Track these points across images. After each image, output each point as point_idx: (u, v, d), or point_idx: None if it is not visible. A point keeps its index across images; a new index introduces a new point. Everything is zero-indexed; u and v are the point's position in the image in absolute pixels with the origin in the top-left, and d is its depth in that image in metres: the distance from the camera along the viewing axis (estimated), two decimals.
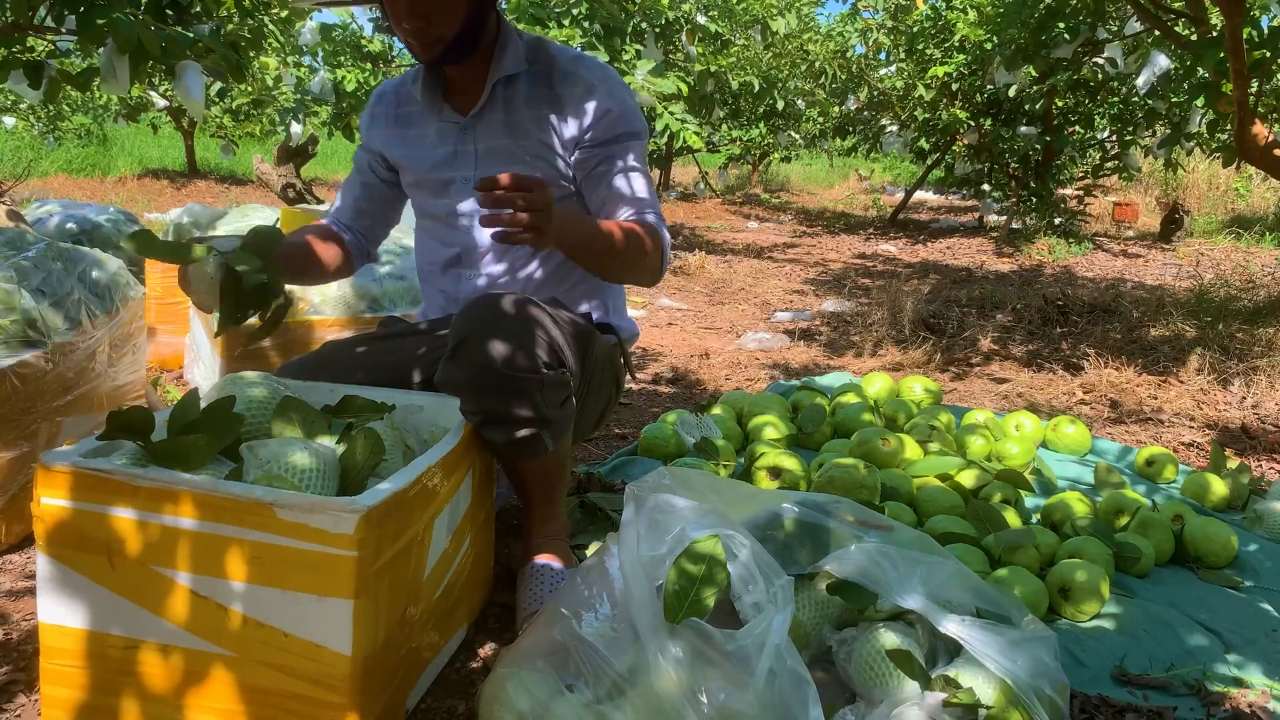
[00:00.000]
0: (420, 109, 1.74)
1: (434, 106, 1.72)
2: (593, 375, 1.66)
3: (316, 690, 1.12)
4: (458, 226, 1.75)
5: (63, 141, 11.51)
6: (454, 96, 1.72)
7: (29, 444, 1.82)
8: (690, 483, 1.38)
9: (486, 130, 1.69)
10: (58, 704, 1.19)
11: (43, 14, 2.18)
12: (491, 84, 1.66)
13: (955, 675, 1.20)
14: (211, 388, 1.42)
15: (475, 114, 1.68)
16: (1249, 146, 2.90)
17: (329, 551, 1.08)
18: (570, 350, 1.51)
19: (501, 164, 1.68)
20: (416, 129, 1.75)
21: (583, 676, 1.15)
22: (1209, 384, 3.19)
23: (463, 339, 1.43)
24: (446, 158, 1.72)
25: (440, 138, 1.72)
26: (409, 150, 1.76)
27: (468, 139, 1.70)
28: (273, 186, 7.44)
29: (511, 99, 1.67)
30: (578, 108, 1.64)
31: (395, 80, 1.82)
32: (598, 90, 1.64)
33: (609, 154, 1.65)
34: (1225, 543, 1.86)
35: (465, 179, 1.72)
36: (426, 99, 1.71)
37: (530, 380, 1.42)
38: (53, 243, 2.11)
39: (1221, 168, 9.44)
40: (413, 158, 1.76)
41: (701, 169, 11.98)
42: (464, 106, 1.70)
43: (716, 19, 6.53)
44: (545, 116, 1.66)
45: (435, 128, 1.72)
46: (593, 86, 1.64)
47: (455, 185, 1.73)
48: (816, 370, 3.49)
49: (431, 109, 1.72)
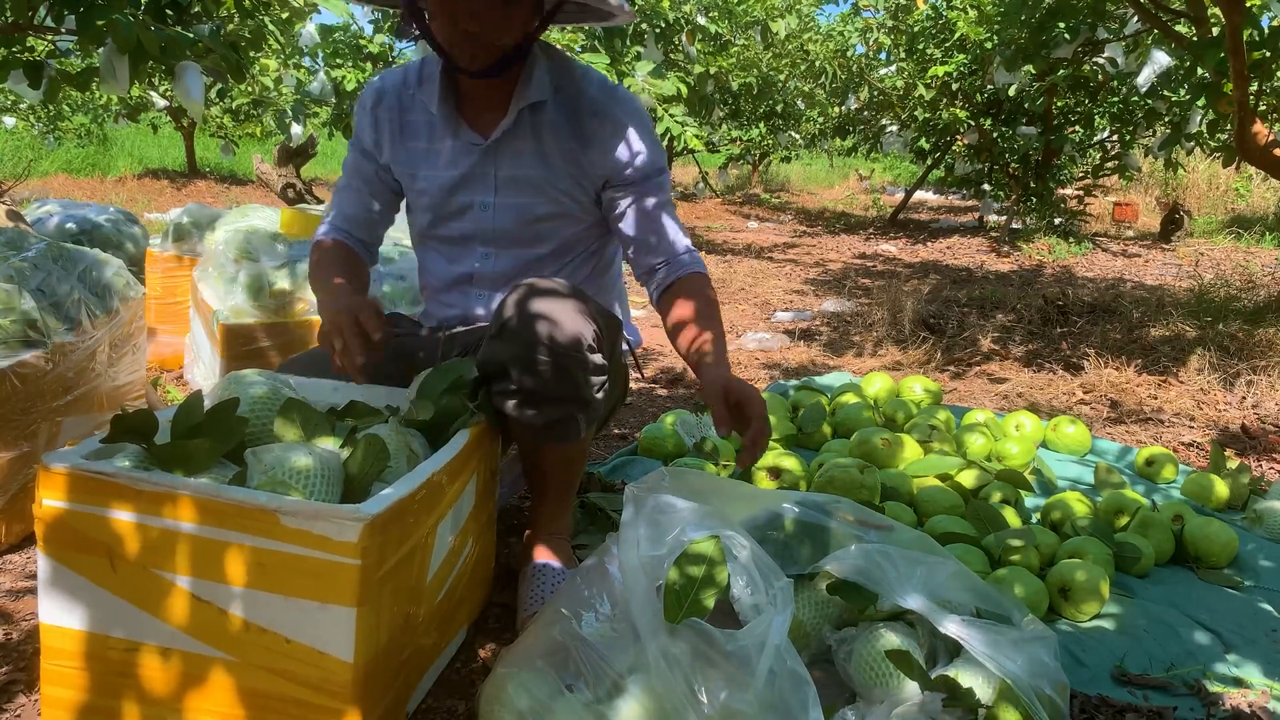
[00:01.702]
0: (429, 121, 1.65)
1: (450, 124, 1.63)
2: (612, 372, 1.67)
3: (318, 696, 1.12)
4: (471, 251, 1.70)
5: (63, 141, 11.51)
6: (469, 114, 1.64)
7: (29, 444, 1.82)
8: (690, 483, 1.38)
9: (511, 157, 1.62)
10: (58, 704, 1.19)
11: (43, 14, 2.18)
12: (518, 108, 1.59)
13: (955, 675, 1.20)
14: (213, 387, 1.42)
15: (498, 138, 1.61)
16: (1249, 146, 2.90)
17: (332, 559, 1.08)
18: (605, 337, 1.51)
19: (528, 194, 1.63)
20: (425, 143, 1.67)
21: (583, 676, 1.15)
22: (1209, 384, 3.19)
23: (508, 319, 1.42)
24: (461, 179, 1.65)
25: (454, 158, 1.64)
26: (420, 169, 1.68)
27: (487, 162, 1.63)
28: (273, 186, 7.44)
29: (539, 127, 1.61)
30: (605, 148, 1.60)
31: (394, 78, 1.70)
32: (627, 131, 1.61)
33: (639, 193, 1.63)
34: (1225, 543, 1.87)
35: (484, 204, 1.65)
36: (443, 114, 1.62)
37: (574, 360, 1.42)
38: (53, 243, 2.12)
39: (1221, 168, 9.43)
40: (425, 177, 1.68)
41: (701, 169, 11.98)
42: (483, 127, 1.63)
43: (717, 20, 6.53)
44: (572, 151, 1.61)
45: (449, 145, 1.64)
46: (621, 126, 1.60)
47: (473, 211, 1.66)
48: (816, 370, 3.49)
49: (447, 126, 1.63)
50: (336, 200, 1.79)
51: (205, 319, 2.67)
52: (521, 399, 1.44)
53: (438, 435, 1.41)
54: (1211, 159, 8.44)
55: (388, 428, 1.36)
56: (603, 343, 1.49)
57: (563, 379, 1.43)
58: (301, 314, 2.63)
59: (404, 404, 1.46)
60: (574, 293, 1.47)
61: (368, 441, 1.26)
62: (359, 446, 1.26)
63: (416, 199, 1.72)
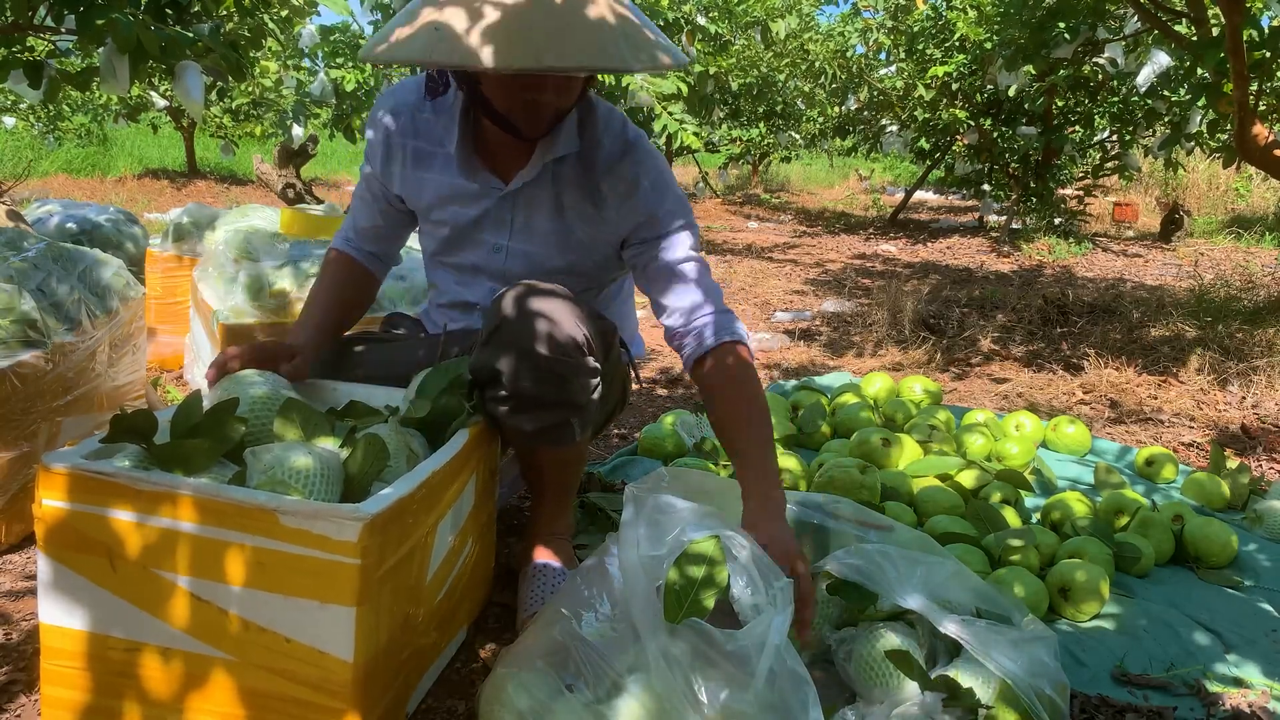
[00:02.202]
0: (446, 157, 1.59)
1: (469, 167, 1.57)
2: (608, 376, 1.66)
3: (317, 695, 1.12)
4: (480, 283, 1.68)
5: (63, 141, 11.49)
6: (487, 157, 1.59)
7: (29, 444, 1.82)
8: (690, 483, 1.39)
9: (530, 205, 1.59)
10: (58, 705, 1.19)
11: (42, 14, 2.18)
12: (543, 161, 1.54)
13: (955, 675, 1.20)
14: (213, 387, 1.42)
15: (518, 188, 1.57)
16: (1249, 146, 2.90)
17: (332, 558, 1.08)
18: (598, 342, 1.49)
19: (539, 243, 1.61)
20: (439, 176, 1.61)
21: (583, 676, 1.15)
22: (1209, 384, 3.19)
23: (499, 324, 1.41)
24: (477, 219, 1.62)
25: (472, 198, 1.61)
26: (433, 201, 1.64)
27: (505, 208, 1.60)
28: (273, 187, 7.44)
29: (560, 181, 1.57)
30: (620, 207, 1.57)
31: (407, 97, 1.63)
32: (640, 189, 1.56)
33: (656, 251, 1.57)
34: (1225, 543, 1.87)
35: (497, 247, 1.63)
36: (460, 157, 1.56)
37: (567, 364, 1.41)
38: (53, 243, 2.12)
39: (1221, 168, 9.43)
40: (439, 210, 1.64)
41: (701, 169, 11.97)
42: (504, 173, 1.58)
43: (717, 20, 6.53)
44: (588, 210, 1.58)
45: (465, 186, 1.59)
46: (635, 184, 1.55)
47: (485, 249, 1.64)
48: (816, 370, 3.49)
49: (464, 169, 1.58)
50: (353, 208, 1.77)
51: (205, 319, 2.67)
52: (513, 405, 1.43)
53: (437, 435, 1.41)
54: (1211, 159, 8.44)
55: (387, 428, 1.36)
56: (596, 346, 1.47)
57: (554, 384, 1.42)
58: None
59: (403, 404, 1.46)
60: (566, 296, 1.46)
61: (367, 441, 1.26)
62: (359, 446, 1.26)
63: (429, 228, 1.70)
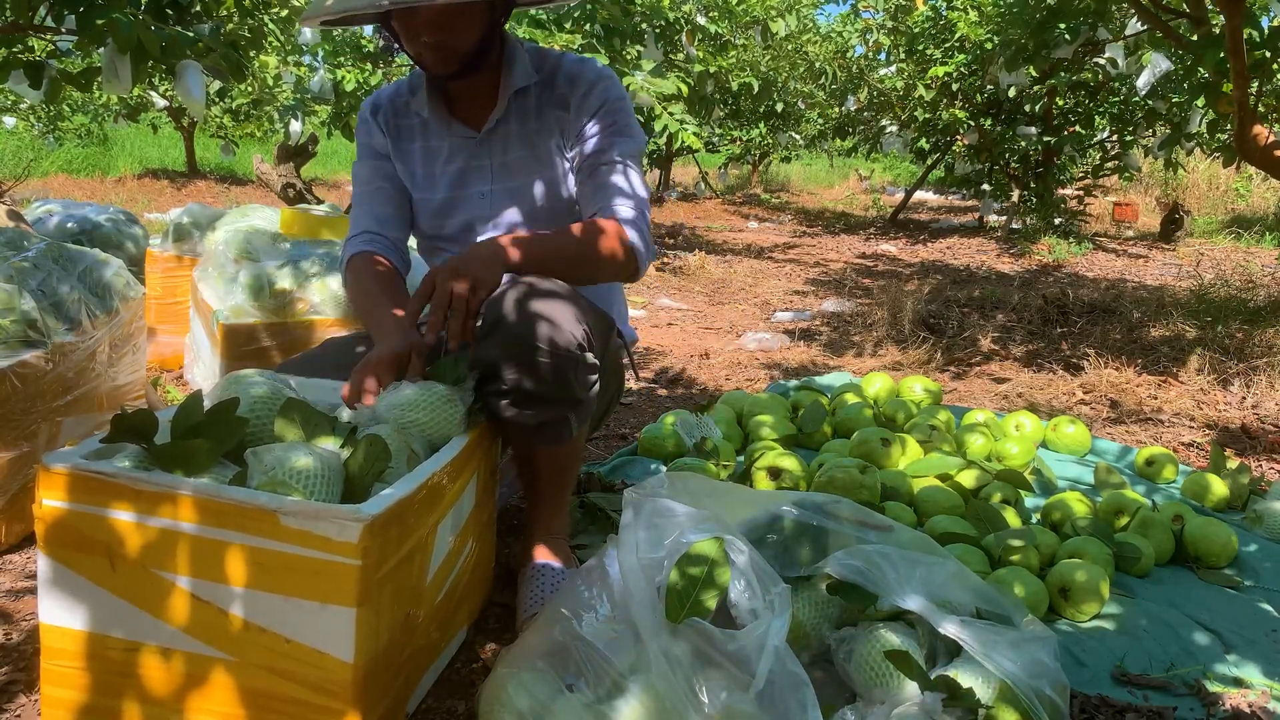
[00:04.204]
0: (423, 125, 1.73)
1: (444, 124, 1.71)
2: (605, 368, 1.67)
3: (318, 696, 1.12)
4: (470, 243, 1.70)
5: (63, 141, 11.48)
6: (460, 112, 1.71)
7: (29, 444, 1.82)
8: (688, 487, 1.38)
9: (502, 144, 1.69)
10: (58, 705, 1.19)
11: (43, 14, 2.18)
12: (507, 97, 1.66)
13: (955, 675, 1.20)
14: (213, 387, 1.42)
15: (490, 129, 1.69)
16: (1249, 147, 2.90)
17: (332, 559, 1.08)
18: (596, 337, 1.51)
19: (521, 175, 1.69)
20: (421, 144, 1.74)
21: (583, 676, 1.15)
22: (1209, 384, 3.19)
23: (499, 318, 1.43)
24: (459, 174, 1.72)
25: (451, 154, 1.72)
26: (419, 169, 1.74)
27: (482, 154, 1.71)
28: (273, 186, 7.43)
29: (524, 110, 1.69)
30: (580, 102, 1.67)
31: (387, 91, 1.79)
32: (598, 86, 1.68)
33: (599, 148, 1.65)
34: (1225, 543, 1.87)
35: (482, 194, 1.72)
36: (435, 116, 1.70)
37: (566, 359, 1.42)
38: (53, 243, 2.12)
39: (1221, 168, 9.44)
40: (426, 176, 1.74)
41: (701, 169, 11.98)
42: (474, 121, 1.70)
43: (717, 20, 6.53)
44: (553, 117, 1.68)
45: (446, 144, 1.72)
46: (594, 83, 1.68)
47: (473, 201, 1.72)
48: (816, 370, 3.49)
49: (442, 126, 1.71)
50: (361, 209, 1.76)
51: (205, 319, 2.67)
52: (513, 399, 1.44)
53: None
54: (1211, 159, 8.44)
55: (388, 428, 1.36)
56: (594, 341, 1.49)
57: (554, 378, 1.43)
58: (302, 314, 2.63)
59: None
60: (565, 291, 1.48)
61: (368, 441, 1.26)
62: (359, 446, 1.26)
63: (424, 200, 1.76)
